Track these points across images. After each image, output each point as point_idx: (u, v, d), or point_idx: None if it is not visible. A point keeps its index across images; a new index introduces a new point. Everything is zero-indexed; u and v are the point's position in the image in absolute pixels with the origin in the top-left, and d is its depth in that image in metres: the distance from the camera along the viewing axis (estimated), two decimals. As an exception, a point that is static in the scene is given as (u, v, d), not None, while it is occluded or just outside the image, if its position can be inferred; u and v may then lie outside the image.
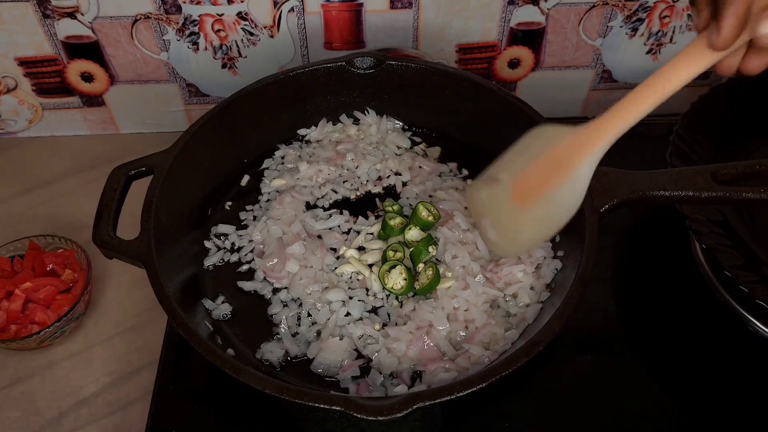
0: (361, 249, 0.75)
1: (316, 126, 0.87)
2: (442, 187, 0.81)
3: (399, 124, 0.88)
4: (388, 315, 0.70)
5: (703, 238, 0.68)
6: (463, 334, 0.67)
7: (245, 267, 0.75)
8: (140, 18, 0.84)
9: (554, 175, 0.54)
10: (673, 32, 0.91)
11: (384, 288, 0.71)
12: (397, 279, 0.70)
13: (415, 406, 0.52)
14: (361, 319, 0.70)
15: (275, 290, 0.73)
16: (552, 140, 0.55)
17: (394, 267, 0.71)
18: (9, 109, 0.95)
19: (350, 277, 0.73)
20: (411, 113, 0.87)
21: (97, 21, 0.84)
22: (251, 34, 0.87)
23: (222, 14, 0.84)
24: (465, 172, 0.84)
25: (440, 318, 0.67)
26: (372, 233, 0.77)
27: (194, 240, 0.76)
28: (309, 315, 0.70)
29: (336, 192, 0.81)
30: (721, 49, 0.40)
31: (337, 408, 0.52)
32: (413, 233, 0.74)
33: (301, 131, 0.87)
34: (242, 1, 0.83)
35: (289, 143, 0.86)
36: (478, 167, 0.83)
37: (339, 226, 0.77)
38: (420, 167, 0.83)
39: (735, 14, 0.37)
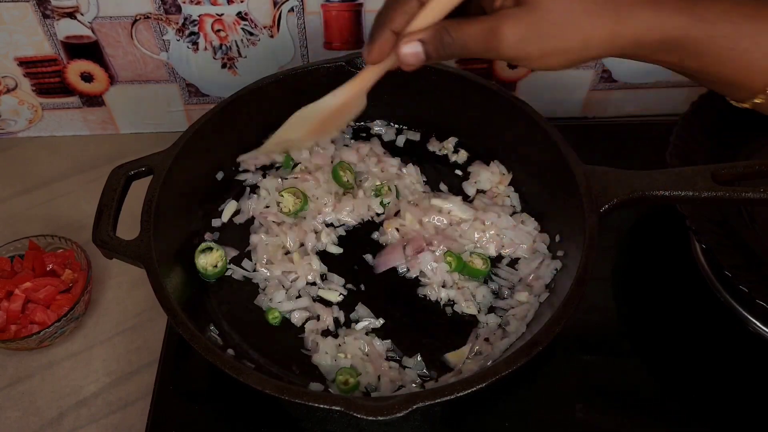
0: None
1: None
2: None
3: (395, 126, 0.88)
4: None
5: (703, 238, 0.68)
6: None
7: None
8: (140, 18, 0.84)
9: (341, 116, 0.63)
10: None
11: None
12: None
13: (414, 406, 0.52)
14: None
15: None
16: (326, 105, 0.62)
17: None
18: (9, 109, 0.94)
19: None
20: (411, 113, 0.87)
21: (97, 21, 0.84)
22: (251, 34, 0.87)
23: (222, 14, 0.84)
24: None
25: None
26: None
27: (194, 240, 0.76)
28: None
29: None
30: (374, 63, 0.55)
31: (337, 408, 0.52)
32: None
33: None
34: (242, 1, 0.83)
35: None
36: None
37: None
38: (420, 167, 0.83)
39: (381, 39, 0.53)
